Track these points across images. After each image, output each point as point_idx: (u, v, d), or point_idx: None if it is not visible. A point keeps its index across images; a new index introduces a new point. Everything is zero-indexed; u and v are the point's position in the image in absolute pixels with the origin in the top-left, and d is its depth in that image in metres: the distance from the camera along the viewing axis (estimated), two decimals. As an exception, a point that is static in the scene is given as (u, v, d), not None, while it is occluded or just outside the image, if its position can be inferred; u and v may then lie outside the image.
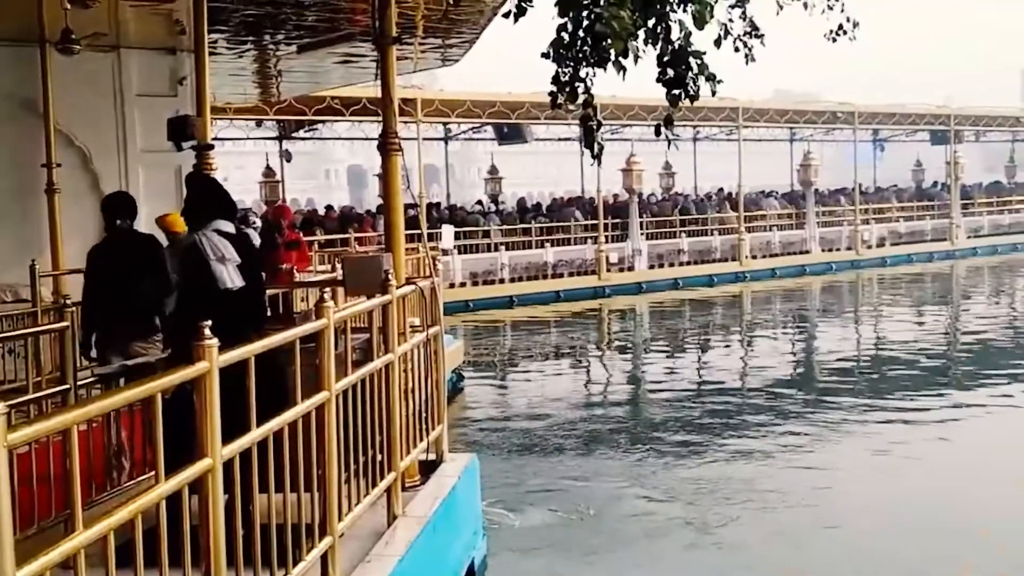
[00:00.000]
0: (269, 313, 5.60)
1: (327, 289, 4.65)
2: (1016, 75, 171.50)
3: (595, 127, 4.49)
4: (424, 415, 5.76)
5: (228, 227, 4.59)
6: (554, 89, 4.75)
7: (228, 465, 3.09)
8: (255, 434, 3.31)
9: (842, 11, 6.54)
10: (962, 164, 34.69)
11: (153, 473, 2.74)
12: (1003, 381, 13.13)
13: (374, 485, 4.70)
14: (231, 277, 4.39)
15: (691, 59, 4.46)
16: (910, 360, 15.21)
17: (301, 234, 16.72)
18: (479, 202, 28.96)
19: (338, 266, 10.35)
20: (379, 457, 4.83)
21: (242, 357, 3.22)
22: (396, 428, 5.02)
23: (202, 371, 2.87)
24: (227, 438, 3.05)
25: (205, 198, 4.73)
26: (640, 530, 7.69)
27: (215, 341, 2.89)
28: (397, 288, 5.13)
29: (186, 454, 2.87)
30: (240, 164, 69.77)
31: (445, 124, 28.17)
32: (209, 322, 2.92)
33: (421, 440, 5.67)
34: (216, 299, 4.31)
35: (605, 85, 4.86)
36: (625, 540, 7.47)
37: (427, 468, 5.95)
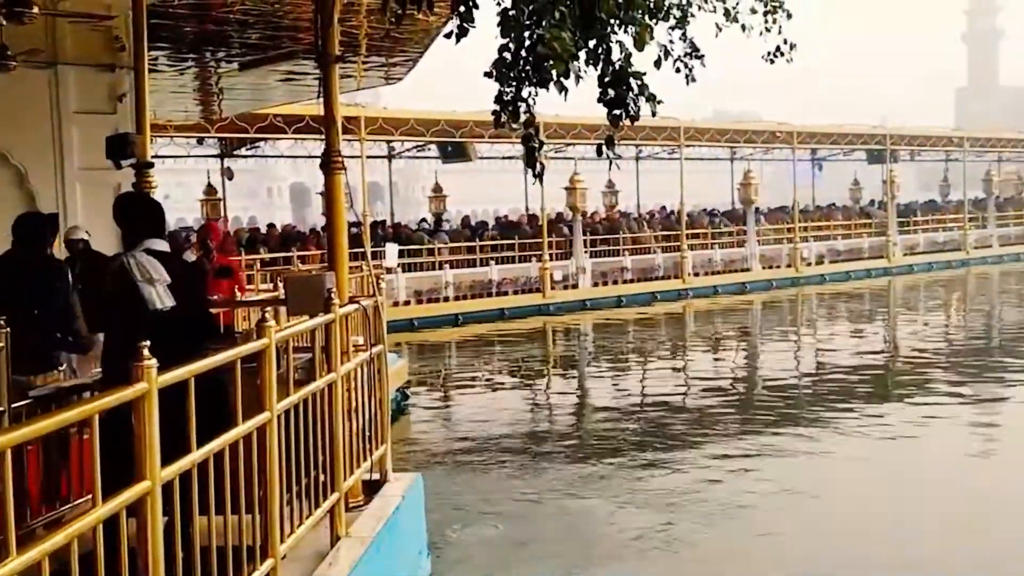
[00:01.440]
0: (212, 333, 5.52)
1: (268, 308, 4.61)
2: (950, 95, 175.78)
3: (537, 146, 4.51)
4: (368, 434, 5.73)
5: (160, 246, 4.52)
6: (497, 108, 4.77)
7: (167, 487, 3.04)
8: (195, 455, 3.27)
9: (779, 33, 6.67)
10: (898, 183, 35.42)
11: (90, 496, 2.69)
12: (936, 398, 13.38)
13: (317, 506, 4.66)
14: (160, 298, 4.32)
15: (631, 80, 4.51)
16: (848, 375, 15.46)
17: (239, 255, 16.53)
18: (424, 220, 28.95)
19: (280, 285, 10.27)
20: (322, 477, 4.80)
21: (182, 378, 3.19)
22: (339, 448, 4.99)
23: (141, 392, 2.84)
24: (166, 460, 3.01)
25: (136, 217, 4.66)
26: (587, 546, 7.71)
27: (154, 362, 2.86)
28: (340, 307, 5.10)
29: (123, 476, 2.82)
30: (181, 182, 69.05)
31: (389, 142, 28.11)
32: (148, 343, 2.89)
33: (365, 460, 5.64)
34: (146, 321, 4.24)
35: (549, 104, 4.91)
36: (571, 557, 7.49)
37: (371, 488, 5.92)
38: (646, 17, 4.92)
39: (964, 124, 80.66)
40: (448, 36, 4.33)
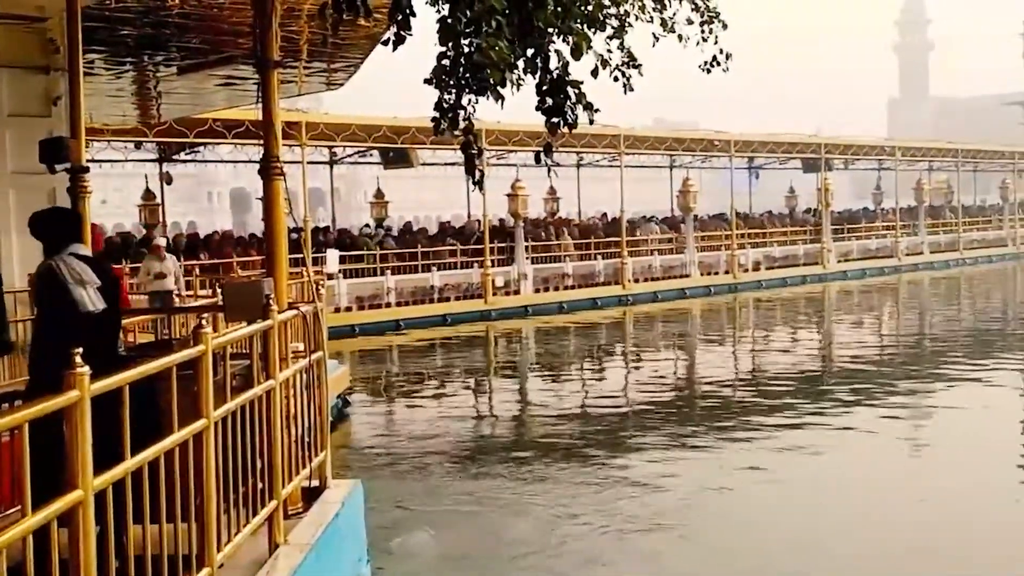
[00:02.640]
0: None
1: (205, 315, 4.58)
2: (883, 105, 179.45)
3: (476, 153, 4.54)
4: (307, 441, 5.69)
5: (84, 251, 4.47)
6: (437, 115, 4.79)
7: (100, 496, 3.01)
8: (129, 463, 3.23)
9: (716, 43, 6.77)
10: (832, 191, 36.09)
11: (19, 507, 2.66)
12: (863, 404, 13.64)
13: (255, 513, 4.62)
14: (92, 300, 4.27)
15: (569, 88, 4.56)
16: (786, 380, 15.71)
17: (122, 266, 16.48)
18: (367, 225, 28.84)
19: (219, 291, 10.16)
20: (260, 485, 4.76)
21: (116, 385, 3.15)
22: (278, 455, 4.95)
23: (73, 400, 2.80)
24: (100, 468, 2.97)
25: (58, 224, 4.60)
26: (527, 552, 7.74)
27: (86, 369, 2.82)
28: (278, 313, 5.07)
29: (55, 485, 2.78)
30: (119, 187, 67.85)
31: (330, 148, 27.96)
32: (80, 349, 2.85)
33: (304, 467, 5.60)
34: (78, 323, 4.18)
35: (492, 111, 4.93)
36: (513, 564, 7.51)
37: (311, 495, 5.87)
38: (584, 26, 4.98)
39: (896, 133, 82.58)
40: (385, 44, 4.33)
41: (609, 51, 5.97)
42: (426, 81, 4.62)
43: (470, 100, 4.62)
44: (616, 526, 8.23)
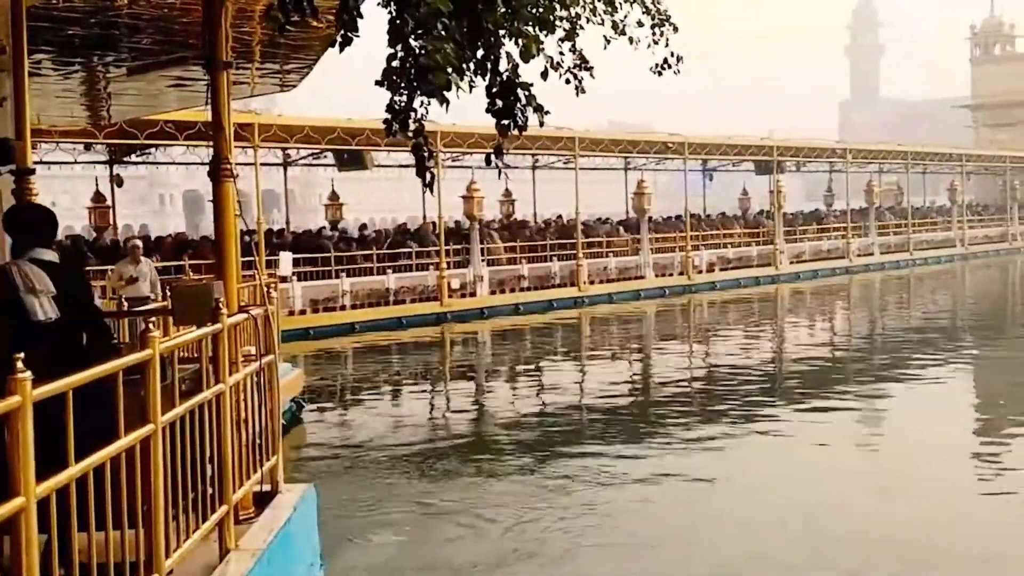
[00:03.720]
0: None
1: (154, 318, 4.53)
2: (834, 107, 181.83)
3: (427, 156, 4.53)
4: (259, 445, 5.65)
5: (48, 256, 4.41)
6: (389, 117, 4.78)
7: (44, 503, 2.96)
8: (73, 470, 3.19)
9: (667, 46, 6.83)
10: (784, 193, 36.49)
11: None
12: (818, 403, 13.82)
13: (205, 519, 4.58)
14: (43, 309, 4.21)
15: (519, 91, 4.57)
16: (738, 381, 15.86)
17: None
18: (333, 227, 28.66)
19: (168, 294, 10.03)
20: (210, 490, 4.72)
21: (59, 391, 3.10)
22: (228, 460, 4.91)
23: (14, 406, 2.76)
24: (44, 474, 2.93)
25: (26, 226, 4.53)
26: (481, 555, 7.74)
27: (28, 374, 2.78)
28: (228, 317, 5.03)
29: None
30: (68, 189, 66.90)
31: (284, 149, 27.76)
32: (22, 355, 2.81)
33: (255, 471, 5.56)
34: (28, 331, 4.13)
35: (447, 113, 4.92)
36: (471, 570, 7.51)
37: (262, 499, 5.83)
38: (535, 28, 4.99)
39: (847, 136, 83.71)
40: (332, 45, 4.32)
41: (561, 53, 6.01)
42: (377, 83, 4.61)
43: (422, 102, 4.62)
44: (575, 530, 8.25)
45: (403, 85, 4.47)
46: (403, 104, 4.60)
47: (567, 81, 6.09)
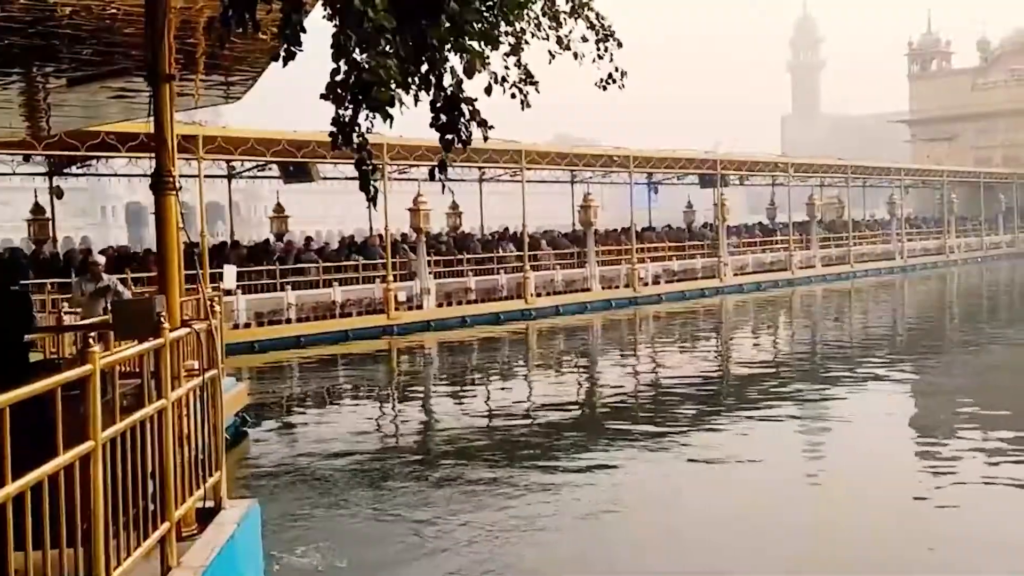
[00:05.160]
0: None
1: (94, 333, 4.47)
2: (776, 122, 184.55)
3: (370, 169, 4.53)
4: (202, 461, 5.60)
5: None
6: (334, 130, 4.77)
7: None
8: (9, 488, 3.14)
9: (611, 61, 6.91)
10: (728, 206, 36.95)
11: None
12: (757, 410, 13.99)
13: (147, 536, 4.52)
14: None
15: (463, 105, 4.59)
16: (684, 392, 16.00)
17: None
18: (278, 239, 28.40)
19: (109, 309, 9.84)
20: (152, 507, 4.66)
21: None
22: (170, 476, 4.85)
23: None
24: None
25: None
26: (428, 570, 7.72)
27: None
28: (170, 331, 4.98)
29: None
30: (6, 200, 65.60)
31: (228, 161, 27.49)
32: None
33: (198, 487, 5.50)
34: None
35: (391, 128, 4.92)
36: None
37: (206, 516, 5.77)
38: (480, 44, 5.02)
39: (789, 150, 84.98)
40: (276, 59, 4.31)
41: (506, 68, 6.05)
42: (322, 96, 4.60)
43: (367, 116, 4.62)
44: (517, 538, 8.27)
45: (348, 99, 4.46)
46: (348, 118, 4.59)
47: (512, 95, 6.13)
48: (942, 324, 28.24)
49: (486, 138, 4.80)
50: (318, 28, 4.67)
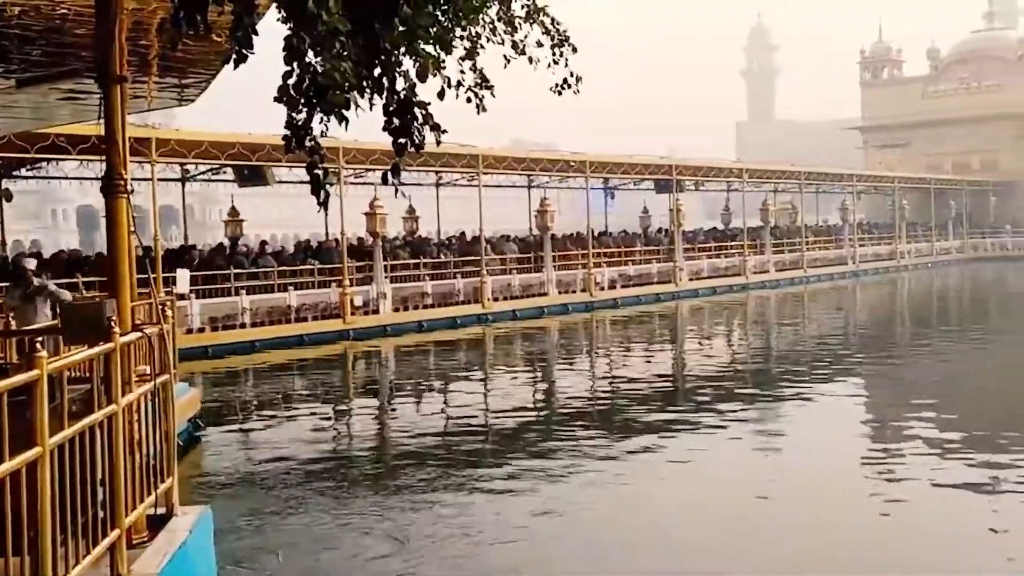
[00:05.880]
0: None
1: (42, 338, 4.41)
2: (731, 127, 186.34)
3: (322, 173, 4.51)
4: (153, 467, 5.53)
5: None
6: (288, 133, 4.75)
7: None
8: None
9: (566, 66, 6.95)
10: (684, 211, 37.24)
11: None
12: (711, 414, 14.10)
13: (96, 544, 4.46)
14: None
15: (416, 109, 4.59)
16: (641, 396, 16.09)
17: None
18: (233, 243, 28.17)
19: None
20: (102, 514, 4.61)
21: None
22: (120, 482, 4.80)
23: None
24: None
25: None
26: None
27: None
28: (121, 335, 4.92)
29: None
30: (-48, 203, 64.37)
31: (182, 164, 27.20)
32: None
33: (149, 494, 5.44)
34: None
35: (346, 131, 4.90)
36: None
37: (157, 523, 5.70)
38: (437, 48, 5.03)
39: (743, 156, 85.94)
40: (226, 61, 4.29)
41: (462, 72, 6.06)
42: (275, 99, 4.58)
43: (322, 119, 4.60)
44: (476, 543, 8.26)
45: (302, 102, 4.45)
46: (303, 121, 4.57)
47: (468, 99, 6.15)
48: (892, 329, 28.66)
49: (439, 142, 4.80)
50: (274, 30, 4.65)
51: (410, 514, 9.16)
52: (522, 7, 6.46)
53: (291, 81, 4.22)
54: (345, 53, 4.04)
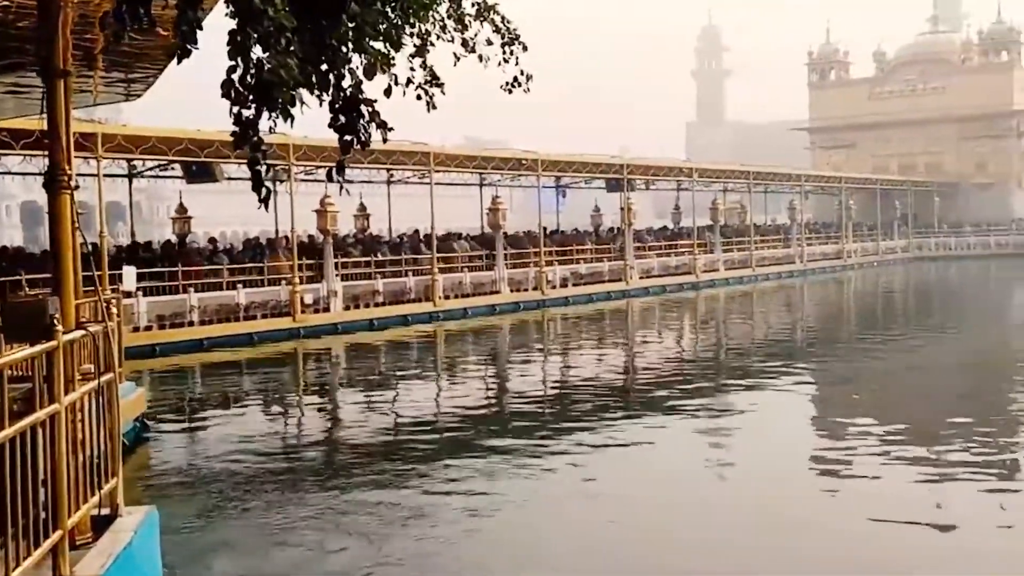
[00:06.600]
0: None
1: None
2: (681, 128, 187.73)
3: (264, 170, 4.47)
4: (97, 467, 5.46)
5: None
6: (236, 129, 4.70)
7: None
8: None
9: (516, 64, 6.97)
10: (635, 210, 37.46)
11: None
12: (661, 411, 14.22)
13: (38, 545, 4.39)
14: None
15: (362, 107, 4.57)
16: (591, 392, 16.17)
17: None
18: (181, 240, 27.83)
19: None
20: (44, 515, 4.54)
21: None
22: (63, 483, 4.73)
23: None
24: None
25: None
26: None
27: None
28: (64, 333, 4.85)
29: None
30: None
31: (129, 160, 26.80)
32: None
33: (93, 494, 5.36)
34: None
35: (300, 126, 4.87)
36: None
37: (102, 524, 5.63)
38: (387, 45, 5.01)
39: (694, 156, 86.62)
40: (171, 56, 4.24)
41: (412, 69, 6.05)
42: (222, 95, 4.54)
43: (270, 116, 4.57)
44: (419, 540, 8.25)
45: (249, 98, 4.41)
46: (249, 117, 4.53)
47: (418, 97, 6.14)
48: (839, 326, 29.09)
49: (385, 139, 4.79)
50: (224, 25, 4.61)
51: (356, 515, 9.12)
52: (472, 5, 6.47)
53: (236, 76, 4.18)
54: (292, 49, 4.02)
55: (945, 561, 7.77)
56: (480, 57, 6.59)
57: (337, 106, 4.51)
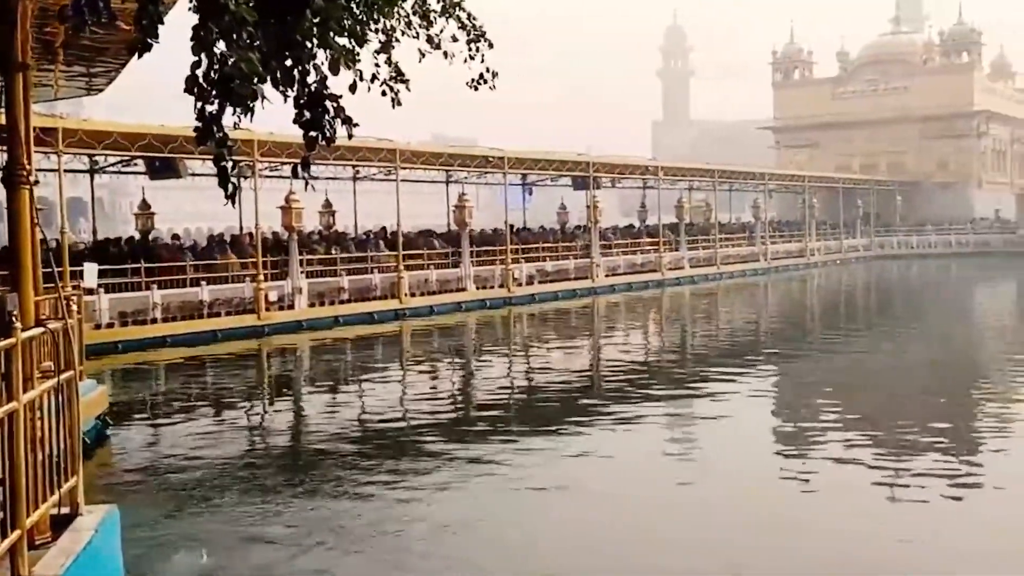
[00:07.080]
0: None
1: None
2: (647, 127, 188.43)
3: (229, 166, 4.43)
4: (57, 465, 5.40)
5: None
6: (200, 125, 4.66)
7: None
8: None
9: (482, 62, 6.97)
10: (601, 208, 37.58)
11: None
12: (629, 407, 14.29)
13: (-5, 545, 4.34)
14: None
15: (327, 102, 4.54)
16: (555, 392, 16.21)
17: None
18: (143, 236, 27.54)
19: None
20: (1, 514, 4.49)
21: None
22: (21, 482, 4.68)
23: None
24: None
25: None
26: None
27: None
28: (23, 330, 4.80)
29: None
30: None
31: (91, 156, 26.49)
32: None
33: (53, 493, 5.31)
34: None
35: (265, 122, 4.84)
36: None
37: (62, 523, 5.57)
38: (351, 41, 4.98)
39: (660, 154, 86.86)
40: (133, 51, 4.19)
41: (377, 65, 6.03)
42: (185, 90, 4.50)
43: (235, 111, 4.53)
44: (374, 544, 8.24)
45: (212, 94, 4.37)
46: (214, 113, 4.49)
47: (384, 93, 6.12)
48: (802, 324, 29.37)
49: (351, 136, 4.77)
50: (188, 20, 4.56)
51: (321, 514, 9.09)
52: (438, 1, 6.45)
53: (200, 72, 4.14)
54: (256, 44, 3.99)
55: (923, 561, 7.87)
56: (445, 54, 6.58)
57: (302, 102, 4.48)
